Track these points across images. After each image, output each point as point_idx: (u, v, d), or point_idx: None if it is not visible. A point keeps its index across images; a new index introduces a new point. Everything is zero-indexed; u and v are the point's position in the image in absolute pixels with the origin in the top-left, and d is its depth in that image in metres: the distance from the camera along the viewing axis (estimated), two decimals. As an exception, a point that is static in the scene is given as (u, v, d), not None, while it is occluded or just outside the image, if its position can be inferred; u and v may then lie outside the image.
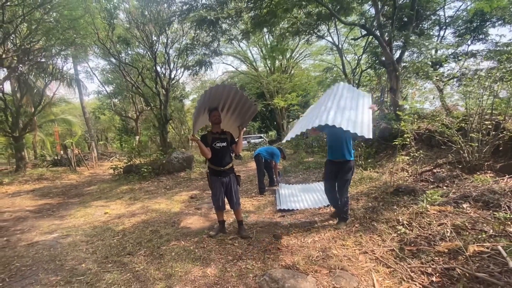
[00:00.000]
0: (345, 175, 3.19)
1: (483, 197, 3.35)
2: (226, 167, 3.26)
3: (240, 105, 3.33)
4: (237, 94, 3.18)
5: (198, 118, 3.31)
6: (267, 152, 5.75)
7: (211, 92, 2.98)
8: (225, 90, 3.09)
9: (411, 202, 3.42)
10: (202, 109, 3.21)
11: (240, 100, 3.25)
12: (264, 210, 4.33)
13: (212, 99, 3.15)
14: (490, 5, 8.26)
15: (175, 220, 4.15)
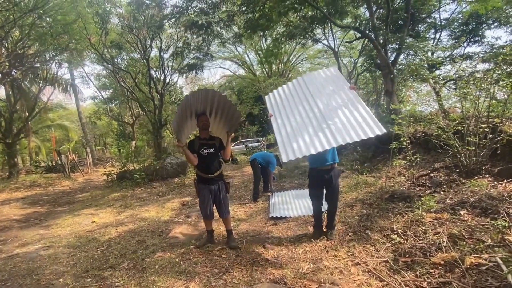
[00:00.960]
0: (336, 181, 3.00)
1: (481, 203, 3.23)
2: (214, 174, 3.13)
3: (226, 110, 3.22)
4: (222, 99, 3.06)
5: (184, 124, 3.19)
6: (263, 158, 5.63)
7: (193, 98, 2.87)
8: (209, 95, 2.96)
9: (406, 209, 3.29)
10: (186, 115, 3.08)
11: (225, 105, 3.13)
12: (256, 218, 4.19)
13: (197, 104, 3.03)
14: (485, 7, 8.22)
15: (163, 229, 4.01)
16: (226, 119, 3.36)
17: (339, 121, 2.66)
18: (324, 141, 2.55)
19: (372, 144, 8.09)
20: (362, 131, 2.53)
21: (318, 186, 3.03)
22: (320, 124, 2.72)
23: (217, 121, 3.48)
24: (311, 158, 3.01)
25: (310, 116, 2.84)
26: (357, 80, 11.68)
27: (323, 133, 2.63)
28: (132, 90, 11.21)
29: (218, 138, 3.27)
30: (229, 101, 3.08)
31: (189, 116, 3.21)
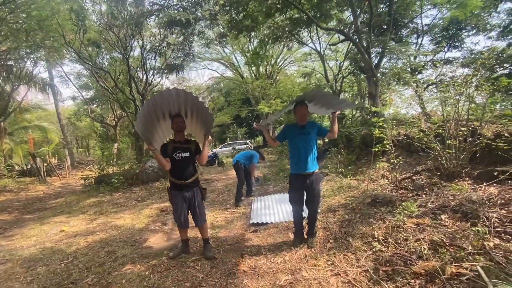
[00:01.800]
0: (317, 186, 2.87)
1: (461, 207, 3.20)
2: (188, 180, 2.93)
3: (201, 112, 3.03)
4: (195, 100, 2.84)
5: (155, 126, 2.98)
6: (245, 157, 5.47)
7: (162, 98, 2.67)
8: (181, 95, 2.75)
9: (388, 214, 3.22)
10: (157, 116, 2.87)
11: (199, 106, 2.93)
12: (237, 224, 4.02)
13: (170, 105, 2.83)
14: (464, 13, 8.46)
15: (137, 238, 3.76)
16: (201, 121, 3.17)
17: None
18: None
19: (356, 146, 8.12)
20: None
21: (299, 192, 2.88)
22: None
23: (194, 123, 3.29)
24: (291, 163, 2.92)
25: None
26: (342, 83, 11.74)
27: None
28: (112, 90, 10.77)
29: (194, 142, 3.08)
30: (201, 103, 2.88)
31: (162, 118, 3.00)
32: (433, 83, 10.58)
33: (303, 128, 2.83)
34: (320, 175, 2.95)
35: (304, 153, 2.79)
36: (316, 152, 2.89)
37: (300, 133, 2.83)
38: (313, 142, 2.85)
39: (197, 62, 24.56)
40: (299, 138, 2.82)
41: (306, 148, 2.80)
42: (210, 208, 5.04)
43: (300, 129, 2.83)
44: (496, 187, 3.63)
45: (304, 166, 2.79)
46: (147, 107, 2.67)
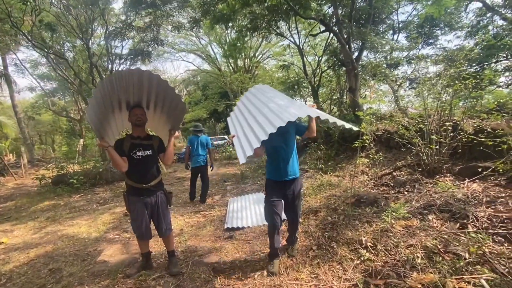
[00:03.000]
0: (299, 192, 2.50)
1: (448, 206, 3.04)
2: (151, 183, 2.46)
3: (169, 101, 2.52)
4: (162, 85, 2.32)
5: (108, 118, 2.45)
6: (203, 150, 5.04)
7: (119, 82, 2.15)
8: (144, 79, 2.24)
9: (374, 215, 2.97)
10: (111, 105, 2.36)
11: (167, 94, 2.41)
12: (210, 230, 3.60)
13: (128, 92, 2.31)
14: (439, 11, 8.56)
15: (90, 250, 3.21)
16: (168, 113, 2.66)
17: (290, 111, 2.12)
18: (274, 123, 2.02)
19: (335, 141, 8.00)
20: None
21: (277, 202, 2.40)
22: (270, 116, 2.19)
23: (157, 116, 2.78)
24: (269, 167, 2.49)
25: (262, 113, 2.28)
26: (321, 77, 11.60)
27: (270, 121, 2.10)
28: (73, 80, 9.69)
29: (157, 138, 2.59)
30: (172, 88, 2.35)
31: (117, 108, 2.48)
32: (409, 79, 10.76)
33: (281, 127, 2.41)
34: (302, 180, 2.57)
35: (285, 156, 2.36)
36: (296, 154, 2.49)
37: (277, 133, 2.34)
38: (293, 142, 2.46)
39: (172, 53, 23.45)
40: (277, 139, 2.32)
41: (286, 150, 2.38)
42: (182, 211, 4.56)
43: (278, 128, 2.41)
44: (479, 183, 3.54)
45: (286, 171, 2.36)
46: (100, 91, 2.12)
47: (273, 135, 2.29)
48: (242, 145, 2.03)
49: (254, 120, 2.17)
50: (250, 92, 2.80)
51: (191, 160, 5.01)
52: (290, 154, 2.38)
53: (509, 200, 2.91)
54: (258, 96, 2.52)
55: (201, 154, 4.99)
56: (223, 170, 8.65)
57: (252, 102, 2.50)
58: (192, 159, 4.99)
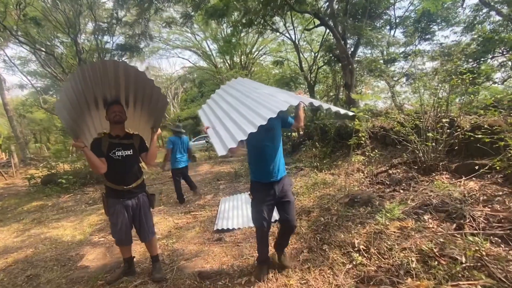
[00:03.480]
0: (290, 193, 2.22)
1: (444, 205, 2.93)
2: (132, 185, 2.31)
3: (148, 96, 2.34)
4: (141, 79, 2.13)
5: (84, 116, 2.29)
6: (185, 151, 4.98)
7: (92, 76, 1.98)
8: (121, 73, 2.05)
9: (368, 216, 2.86)
10: (86, 102, 2.19)
11: (146, 88, 2.22)
12: (199, 231, 3.47)
13: (104, 87, 2.15)
14: (436, 5, 8.43)
15: (72, 255, 3.07)
16: (150, 110, 2.49)
17: (278, 99, 1.94)
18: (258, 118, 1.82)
19: (331, 139, 7.89)
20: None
21: (266, 205, 2.13)
22: (255, 106, 2.01)
23: (138, 113, 2.62)
24: (253, 168, 2.24)
25: (245, 103, 2.11)
26: (317, 74, 11.45)
27: (256, 112, 1.92)
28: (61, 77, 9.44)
29: (137, 136, 2.45)
30: (150, 81, 2.14)
31: (94, 105, 2.32)
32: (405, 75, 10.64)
33: (267, 123, 2.18)
34: (290, 179, 2.30)
35: (272, 155, 2.12)
36: (281, 151, 2.24)
37: (263, 129, 2.01)
38: (280, 139, 2.22)
39: (167, 49, 23.13)
40: (261, 136, 2.03)
41: (273, 147, 2.12)
42: (172, 211, 4.42)
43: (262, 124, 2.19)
44: (476, 181, 3.44)
45: (273, 172, 2.11)
46: (72, 86, 1.92)
47: (257, 131, 2.13)
48: (221, 136, 1.86)
49: (236, 111, 1.99)
50: (228, 84, 2.62)
51: (173, 161, 4.87)
52: (276, 152, 2.15)
53: (506, 198, 2.81)
54: (238, 87, 2.35)
55: (184, 154, 4.94)
56: (217, 169, 8.52)
57: (231, 93, 2.32)
58: (174, 160, 4.86)
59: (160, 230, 3.64)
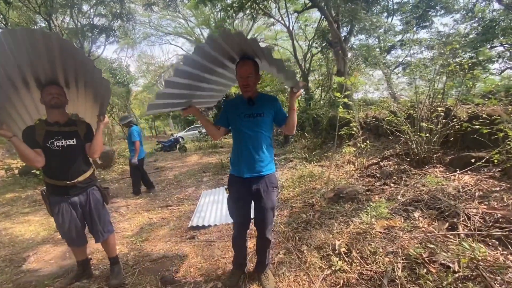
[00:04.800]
0: (271, 197, 1.80)
1: (436, 202, 2.69)
2: (77, 179, 1.99)
3: (90, 77, 1.93)
4: (78, 56, 1.74)
5: (11, 98, 1.89)
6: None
7: (10, 47, 1.55)
8: (54, 46, 1.63)
9: (353, 213, 2.60)
10: (6, 82, 1.76)
11: (87, 67, 1.82)
12: (173, 228, 3.20)
13: (31, 64, 1.77)
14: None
15: (29, 254, 2.78)
16: (95, 93, 2.07)
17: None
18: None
19: (322, 129, 7.61)
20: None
21: (242, 203, 1.83)
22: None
23: (82, 96, 2.18)
24: (232, 157, 1.91)
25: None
26: (311, 62, 11.05)
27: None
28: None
29: (83, 123, 2.10)
30: (89, 60, 1.78)
31: (23, 86, 1.91)
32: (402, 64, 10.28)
33: (251, 106, 1.77)
34: (276, 180, 1.88)
35: (251, 145, 1.76)
36: (270, 144, 1.85)
37: (245, 114, 1.76)
38: (266, 128, 1.79)
39: (159, 36, 22.39)
40: (243, 122, 1.76)
41: (254, 137, 1.76)
42: (149, 206, 4.14)
43: (247, 107, 1.77)
44: (471, 175, 3.20)
45: (248, 166, 1.76)
46: None
47: (238, 115, 1.79)
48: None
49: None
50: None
51: (140, 151, 4.74)
52: (259, 143, 1.77)
53: (504, 195, 2.57)
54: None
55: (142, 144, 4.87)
56: (206, 160, 8.22)
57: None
58: (141, 150, 4.77)
59: (131, 226, 3.37)
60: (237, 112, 1.79)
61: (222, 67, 1.86)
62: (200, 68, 1.73)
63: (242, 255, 2.03)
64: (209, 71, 1.82)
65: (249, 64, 1.67)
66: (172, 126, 34.23)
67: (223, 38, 1.52)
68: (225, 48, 1.62)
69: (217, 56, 1.69)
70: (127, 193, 5.06)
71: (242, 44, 1.56)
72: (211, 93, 2.13)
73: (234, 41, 1.54)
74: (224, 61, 1.78)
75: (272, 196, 1.83)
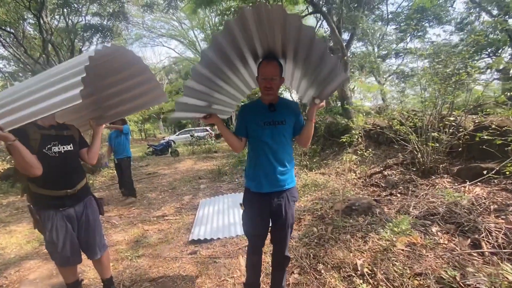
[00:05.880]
0: (292, 213, 1.65)
1: (452, 215, 2.59)
2: (76, 186, 1.77)
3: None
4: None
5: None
6: (121, 146, 4.57)
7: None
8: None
9: (368, 227, 2.46)
10: None
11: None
12: (171, 242, 2.95)
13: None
14: (431, 1, 8.19)
15: (11, 272, 2.48)
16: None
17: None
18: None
19: (320, 136, 7.53)
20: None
21: (260, 219, 1.63)
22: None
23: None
24: (248, 170, 1.70)
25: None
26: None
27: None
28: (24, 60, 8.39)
29: (74, 127, 1.90)
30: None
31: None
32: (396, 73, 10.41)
33: (273, 112, 1.58)
34: (297, 192, 1.73)
35: (273, 157, 1.57)
36: (291, 154, 1.68)
37: (266, 121, 1.57)
38: (288, 137, 1.62)
39: (151, 38, 22.03)
40: (264, 130, 1.56)
41: (276, 147, 1.57)
42: (143, 215, 3.88)
43: (267, 113, 1.58)
44: (482, 187, 3.13)
45: (271, 180, 1.57)
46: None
47: (258, 122, 1.59)
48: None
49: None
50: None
51: (128, 149, 4.67)
52: (279, 155, 1.58)
53: (521, 209, 2.50)
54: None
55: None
56: (200, 165, 7.96)
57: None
58: (128, 148, 4.70)
59: (125, 239, 3.10)
60: (256, 119, 1.60)
61: (244, 65, 1.67)
62: (221, 61, 1.49)
63: (256, 275, 1.82)
64: (231, 67, 1.59)
65: (274, 65, 1.49)
66: (162, 129, 33.61)
67: (256, 15, 1.17)
68: (251, 37, 1.34)
69: (241, 46, 1.43)
70: (119, 199, 4.76)
71: (278, 29, 1.24)
72: (228, 99, 1.92)
73: (272, 21, 1.18)
74: (247, 57, 1.58)
75: (293, 211, 1.67)
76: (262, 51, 1.51)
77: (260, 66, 1.53)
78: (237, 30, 1.29)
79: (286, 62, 1.58)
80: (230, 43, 1.37)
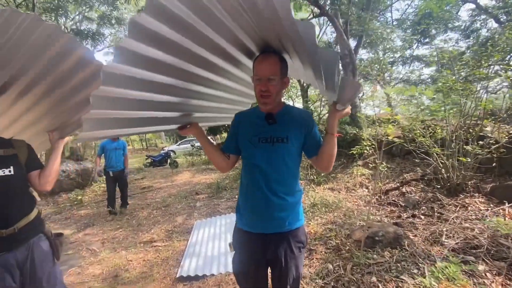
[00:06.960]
0: (296, 263, 1.18)
1: (500, 248, 2.10)
2: (15, 225, 1.31)
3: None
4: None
5: None
6: (116, 157, 4.40)
7: None
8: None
9: (399, 266, 1.97)
10: None
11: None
12: (157, 276, 2.47)
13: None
14: (439, 6, 7.88)
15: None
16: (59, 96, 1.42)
17: None
18: None
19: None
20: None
21: (254, 267, 1.20)
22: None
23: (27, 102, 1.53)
24: (240, 200, 1.24)
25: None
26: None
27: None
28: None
29: (22, 144, 1.44)
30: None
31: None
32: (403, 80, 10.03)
33: (272, 124, 1.16)
34: (305, 235, 1.24)
35: (266, 185, 1.13)
36: (297, 181, 1.21)
37: (261, 137, 1.15)
38: (291, 159, 1.16)
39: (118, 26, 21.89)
40: (257, 148, 1.15)
41: (271, 173, 1.13)
42: (129, 240, 3.39)
43: (264, 126, 1.17)
44: (527, 210, 2.66)
45: (264, 216, 1.14)
46: None
47: (252, 137, 1.15)
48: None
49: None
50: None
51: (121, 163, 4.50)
52: (277, 183, 1.14)
53: None
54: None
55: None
56: (198, 178, 7.49)
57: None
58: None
59: (103, 272, 2.62)
60: (249, 132, 1.18)
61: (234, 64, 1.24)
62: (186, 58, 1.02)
63: None
64: (211, 66, 1.15)
65: (272, 60, 1.07)
66: (164, 139, 33.29)
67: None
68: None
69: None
70: (105, 219, 4.29)
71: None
72: (215, 104, 1.50)
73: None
74: (235, 53, 1.15)
75: (298, 261, 1.19)
76: (255, 45, 1.09)
77: (255, 62, 1.11)
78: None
79: (294, 59, 1.15)
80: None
